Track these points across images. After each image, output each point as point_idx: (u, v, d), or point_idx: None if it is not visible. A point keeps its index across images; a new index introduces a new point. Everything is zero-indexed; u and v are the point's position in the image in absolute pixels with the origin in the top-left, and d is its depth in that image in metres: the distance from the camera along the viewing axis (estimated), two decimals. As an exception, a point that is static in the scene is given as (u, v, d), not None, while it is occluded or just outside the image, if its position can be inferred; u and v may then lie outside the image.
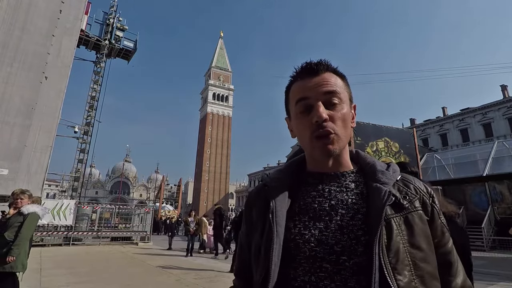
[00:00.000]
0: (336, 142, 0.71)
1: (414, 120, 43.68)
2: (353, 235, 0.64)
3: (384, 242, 0.62)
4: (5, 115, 9.94)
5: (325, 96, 0.72)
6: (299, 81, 0.77)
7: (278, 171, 0.83)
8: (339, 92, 0.73)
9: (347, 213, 0.68)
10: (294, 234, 0.68)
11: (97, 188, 79.21)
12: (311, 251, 0.65)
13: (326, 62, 0.77)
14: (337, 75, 0.77)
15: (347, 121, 0.74)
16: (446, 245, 0.73)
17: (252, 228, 0.78)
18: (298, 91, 0.76)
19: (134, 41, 24.80)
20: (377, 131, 16.55)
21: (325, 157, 0.73)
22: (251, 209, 0.81)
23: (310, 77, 0.75)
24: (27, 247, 3.45)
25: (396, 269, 0.60)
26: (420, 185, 0.75)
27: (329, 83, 0.74)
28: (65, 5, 12.27)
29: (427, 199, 0.73)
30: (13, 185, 9.36)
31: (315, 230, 0.67)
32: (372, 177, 0.73)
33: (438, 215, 0.73)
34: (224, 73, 75.88)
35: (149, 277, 6.75)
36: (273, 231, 0.67)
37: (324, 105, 0.72)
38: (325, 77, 0.75)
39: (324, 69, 0.76)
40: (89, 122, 21.74)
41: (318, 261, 0.64)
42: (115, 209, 15.85)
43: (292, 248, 0.67)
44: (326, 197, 0.72)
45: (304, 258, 0.65)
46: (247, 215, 0.82)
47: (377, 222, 0.63)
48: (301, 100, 0.74)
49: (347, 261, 0.62)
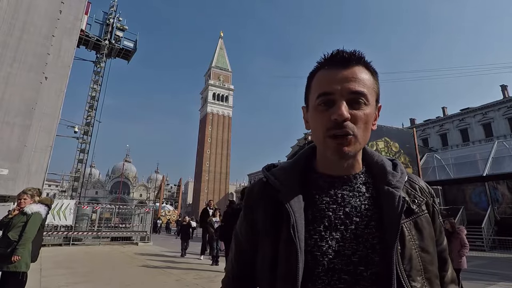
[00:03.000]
0: (353, 144, 0.65)
1: (414, 120, 43.69)
2: (368, 244, 0.63)
3: (398, 250, 0.61)
4: (5, 115, 9.94)
5: (350, 95, 0.66)
6: (325, 69, 0.70)
7: (284, 170, 0.76)
8: (367, 93, 0.67)
9: (361, 221, 0.65)
10: (311, 246, 0.64)
11: (97, 188, 79.22)
12: (329, 263, 0.62)
13: (360, 54, 0.70)
14: (368, 70, 0.70)
15: (368, 123, 0.68)
16: (443, 243, 0.75)
17: (257, 232, 0.73)
18: (322, 82, 0.69)
19: (134, 41, 24.82)
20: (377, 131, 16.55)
21: (337, 159, 0.67)
22: (253, 209, 0.75)
23: (339, 68, 0.68)
24: (30, 247, 3.46)
25: (410, 276, 0.61)
26: (423, 186, 0.75)
27: (358, 80, 0.67)
28: (65, 5, 12.26)
29: (429, 199, 0.73)
30: (13, 185, 9.37)
31: (332, 241, 0.64)
32: (383, 179, 0.70)
33: (438, 215, 0.74)
34: (224, 73, 75.92)
35: (149, 277, 6.74)
36: (297, 248, 0.62)
37: (348, 103, 0.65)
38: (355, 71, 0.67)
39: (356, 62, 0.68)
40: (89, 122, 21.76)
41: (337, 273, 0.62)
42: (115, 209, 15.86)
43: (309, 260, 0.63)
44: (340, 203, 0.68)
45: (323, 271, 0.62)
46: (248, 216, 0.76)
47: (393, 232, 0.62)
48: (324, 94, 0.67)
49: (365, 271, 0.61)
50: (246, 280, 0.77)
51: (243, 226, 0.78)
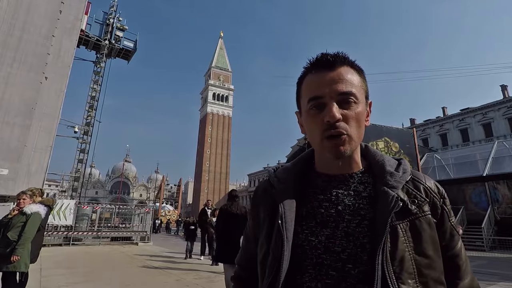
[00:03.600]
0: (348, 143, 0.67)
1: (414, 120, 43.65)
2: (358, 243, 0.63)
3: (388, 250, 0.60)
4: (5, 115, 9.93)
5: (340, 96, 0.68)
6: (313, 74, 0.72)
7: (286, 170, 0.80)
8: (355, 92, 0.69)
9: (353, 219, 0.66)
10: (302, 240, 0.67)
11: (97, 188, 79.24)
12: (318, 258, 0.64)
13: (344, 55, 0.72)
14: (354, 70, 0.72)
15: (361, 120, 0.70)
16: (455, 248, 0.71)
17: (259, 225, 0.78)
18: (311, 86, 0.71)
19: (134, 41, 24.83)
20: (377, 131, 16.60)
21: (335, 158, 0.70)
22: (258, 206, 0.80)
23: (325, 71, 0.70)
24: (30, 247, 3.46)
25: (400, 278, 0.59)
26: (432, 185, 0.72)
27: (345, 81, 0.69)
28: (65, 5, 12.25)
29: (438, 200, 0.70)
30: (13, 185, 9.35)
31: (322, 236, 0.66)
32: (381, 179, 0.70)
33: (448, 218, 0.71)
34: (224, 73, 75.91)
35: (149, 277, 6.74)
36: (283, 238, 0.66)
37: (338, 103, 0.68)
38: (341, 72, 0.70)
39: (341, 63, 0.71)
40: (89, 122, 21.76)
41: (324, 268, 0.63)
42: (115, 209, 15.88)
43: (299, 253, 0.66)
44: (333, 201, 0.70)
45: (311, 264, 0.64)
46: (254, 212, 0.82)
47: (382, 230, 0.61)
48: (314, 99, 0.69)
49: (353, 269, 0.61)
50: (251, 271, 0.81)
51: (250, 222, 0.85)
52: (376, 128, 16.61)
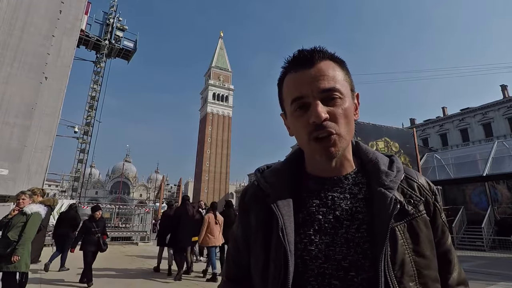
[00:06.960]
0: (338, 143, 0.63)
1: (414, 120, 43.70)
2: (359, 249, 0.61)
3: (388, 254, 0.58)
4: (5, 115, 9.94)
5: (323, 94, 0.64)
6: (292, 73, 0.68)
7: (276, 173, 0.75)
8: (339, 87, 0.65)
9: (352, 225, 0.63)
10: (301, 250, 0.63)
11: (97, 188, 79.17)
12: (319, 268, 0.61)
13: (322, 49, 0.68)
14: (335, 63, 0.68)
15: (349, 116, 0.66)
16: (446, 244, 0.71)
17: (250, 235, 0.72)
18: (292, 87, 0.67)
19: (134, 41, 24.86)
20: (377, 131, 16.58)
21: (326, 161, 0.66)
22: (248, 212, 0.74)
23: (304, 68, 0.66)
24: (30, 247, 3.47)
25: (402, 282, 0.58)
26: (424, 183, 0.71)
27: (327, 76, 0.65)
28: (65, 5, 12.26)
29: (430, 197, 0.70)
30: (13, 185, 9.36)
31: (322, 244, 0.63)
32: (376, 179, 0.67)
33: (440, 214, 0.70)
34: (224, 73, 75.94)
35: (149, 277, 6.75)
36: (287, 252, 0.61)
37: (323, 101, 0.64)
38: (321, 68, 0.65)
39: (320, 58, 0.66)
40: (89, 122, 21.78)
41: (327, 278, 0.60)
42: (115, 209, 15.88)
43: (299, 264, 0.62)
44: (330, 206, 0.66)
45: (313, 276, 0.61)
46: (243, 218, 0.76)
47: (382, 236, 0.59)
48: (297, 99, 0.65)
49: (356, 277, 0.59)
50: (242, 283, 0.75)
51: (238, 229, 0.78)
52: (376, 128, 16.60)
